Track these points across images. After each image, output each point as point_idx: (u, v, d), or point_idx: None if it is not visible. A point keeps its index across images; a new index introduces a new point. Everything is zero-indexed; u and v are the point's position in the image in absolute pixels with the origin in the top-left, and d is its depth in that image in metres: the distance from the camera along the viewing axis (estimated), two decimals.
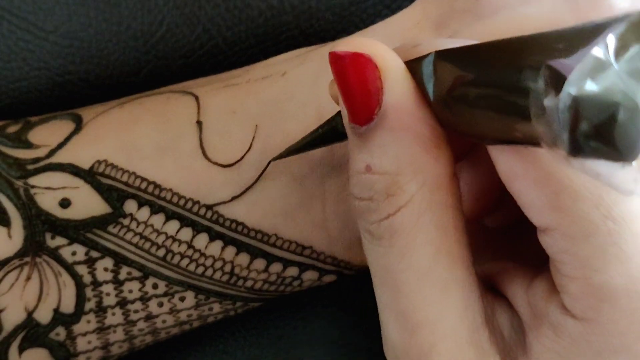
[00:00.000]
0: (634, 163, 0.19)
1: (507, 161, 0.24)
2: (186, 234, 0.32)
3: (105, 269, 0.32)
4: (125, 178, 0.32)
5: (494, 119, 0.22)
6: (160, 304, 0.33)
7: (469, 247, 0.26)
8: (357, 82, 0.25)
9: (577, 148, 0.18)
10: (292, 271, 0.33)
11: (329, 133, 0.29)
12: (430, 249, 0.25)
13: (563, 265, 0.24)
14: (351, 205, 0.27)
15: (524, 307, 0.27)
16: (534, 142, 0.20)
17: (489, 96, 0.21)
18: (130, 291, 0.33)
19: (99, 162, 0.32)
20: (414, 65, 0.25)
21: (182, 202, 0.32)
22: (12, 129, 0.34)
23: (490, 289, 0.28)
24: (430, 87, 0.24)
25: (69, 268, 0.32)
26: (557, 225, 0.24)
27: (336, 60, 0.25)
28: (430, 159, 0.25)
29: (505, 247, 0.31)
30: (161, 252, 0.32)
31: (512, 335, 0.27)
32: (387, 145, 0.25)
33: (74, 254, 0.32)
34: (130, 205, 0.32)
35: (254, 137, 0.32)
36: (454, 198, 0.26)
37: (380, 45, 0.25)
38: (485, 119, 0.22)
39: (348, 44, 0.25)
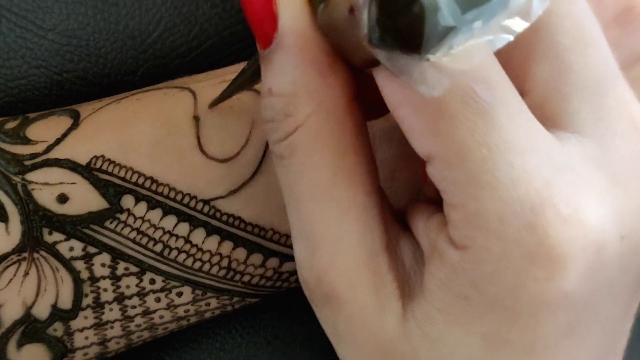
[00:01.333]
0: (431, 59, 0.19)
1: (390, 88, 0.24)
2: (183, 229, 0.32)
3: (103, 265, 0.32)
4: (122, 173, 0.32)
5: (352, 40, 0.23)
6: (158, 300, 0.33)
7: (374, 172, 0.27)
8: (252, 8, 0.26)
9: (379, 39, 0.19)
10: (289, 266, 0.34)
11: (257, 70, 0.29)
12: (327, 170, 0.26)
13: (444, 194, 0.24)
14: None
15: (423, 239, 0.27)
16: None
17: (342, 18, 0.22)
18: (128, 287, 0.33)
19: (96, 157, 0.32)
20: None
21: (179, 197, 0.32)
22: (11, 125, 0.34)
23: (401, 221, 0.28)
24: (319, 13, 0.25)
25: (67, 263, 0.32)
26: (436, 151, 0.24)
27: None
28: (325, 82, 0.25)
29: None
30: (158, 247, 0.32)
31: (413, 265, 0.27)
32: (284, 68, 0.25)
33: (71, 249, 0.32)
34: (127, 201, 0.32)
35: (250, 132, 0.32)
36: (353, 122, 0.26)
37: None
38: (348, 42, 0.24)
39: None
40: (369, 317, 0.26)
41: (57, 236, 0.32)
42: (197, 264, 0.33)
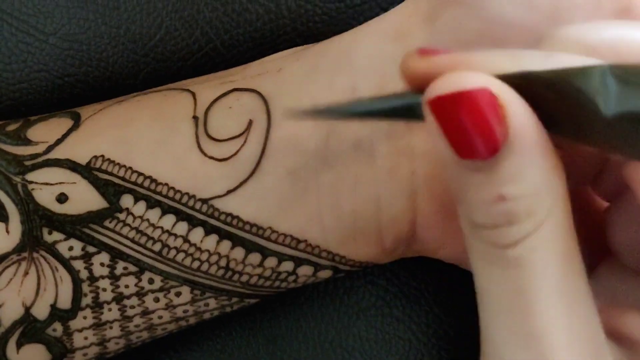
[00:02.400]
0: None
1: None
2: (182, 228, 0.32)
3: (102, 264, 0.33)
4: (122, 173, 0.32)
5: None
6: (157, 299, 0.33)
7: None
8: (474, 119, 0.24)
9: None
10: (287, 266, 0.34)
11: (401, 110, 0.26)
12: (562, 261, 0.25)
13: None
14: (470, 239, 0.27)
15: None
16: None
17: None
18: (127, 286, 0.33)
19: (96, 157, 0.32)
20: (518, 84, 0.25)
21: (177, 196, 0.32)
22: (12, 127, 0.34)
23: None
24: (604, 102, 0.23)
25: (66, 263, 0.32)
26: None
27: (440, 104, 0.24)
28: (558, 180, 0.25)
29: None
30: (157, 247, 0.32)
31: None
32: (522, 170, 0.25)
33: (70, 249, 0.32)
34: (126, 200, 0.32)
35: (249, 132, 0.32)
36: (572, 218, 0.26)
37: (479, 72, 0.24)
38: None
39: (449, 82, 0.24)
40: None
41: (56, 236, 0.32)
42: (196, 264, 0.33)
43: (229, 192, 0.32)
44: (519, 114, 0.24)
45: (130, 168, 0.32)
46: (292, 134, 0.32)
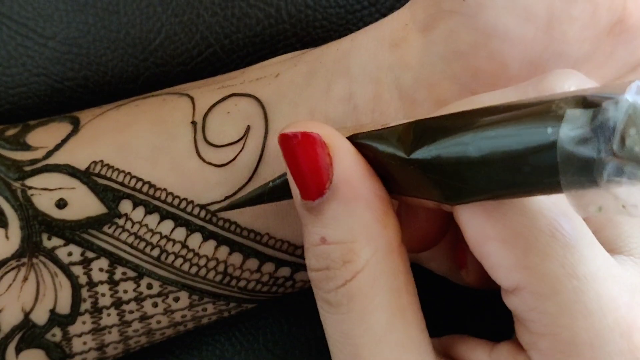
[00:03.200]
0: None
1: (478, 223, 0.25)
2: (180, 233, 0.32)
3: (101, 270, 0.33)
4: (120, 178, 0.32)
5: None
6: (155, 305, 0.33)
7: (420, 311, 0.28)
8: (307, 160, 0.27)
9: (622, 154, 0.20)
10: (285, 271, 0.34)
11: (279, 189, 0.30)
12: (386, 312, 0.26)
13: (532, 323, 0.26)
14: (309, 277, 0.28)
15: None
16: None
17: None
18: (125, 291, 0.33)
19: (95, 162, 0.32)
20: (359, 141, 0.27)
21: (176, 201, 0.32)
22: (11, 132, 0.34)
23: (445, 356, 0.29)
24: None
25: (65, 269, 0.32)
26: (526, 284, 0.25)
27: (286, 140, 0.27)
28: (380, 226, 0.27)
29: None
30: (155, 252, 0.32)
31: None
32: (340, 216, 0.26)
33: (69, 254, 0.32)
34: (125, 206, 0.32)
35: (246, 138, 0.32)
36: (404, 263, 0.27)
37: (326, 125, 0.27)
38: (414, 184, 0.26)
39: (297, 125, 0.27)
40: None
41: (56, 241, 0.32)
42: (194, 269, 0.33)
43: (227, 198, 0.32)
44: (345, 162, 0.26)
45: (129, 173, 0.32)
46: None
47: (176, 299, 0.33)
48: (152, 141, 0.33)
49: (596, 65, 0.30)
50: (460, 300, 0.40)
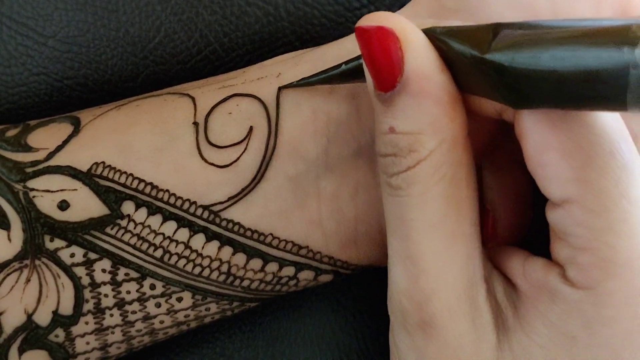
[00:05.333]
0: None
1: (541, 132, 0.26)
2: (183, 234, 0.32)
3: (103, 270, 0.33)
4: (122, 179, 0.32)
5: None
6: (158, 305, 0.33)
7: (477, 204, 0.29)
8: (380, 53, 0.27)
9: None
10: (289, 271, 0.34)
11: (352, 72, 0.31)
12: (442, 201, 0.28)
13: (575, 238, 0.26)
14: (377, 162, 0.30)
15: (521, 278, 0.29)
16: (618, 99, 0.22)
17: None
18: (128, 292, 0.33)
19: (96, 164, 0.32)
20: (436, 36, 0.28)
21: (179, 202, 0.32)
22: (12, 132, 0.34)
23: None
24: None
25: (68, 270, 0.32)
26: (579, 197, 0.26)
27: (361, 33, 0.27)
28: (447, 120, 0.27)
29: None
30: (158, 253, 0.32)
31: (504, 300, 0.29)
32: (409, 108, 0.27)
33: (72, 255, 0.32)
34: (127, 207, 0.32)
35: (249, 138, 0.32)
36: (467, 156, 0.28)
37: (401, 18, 0.28)
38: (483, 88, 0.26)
39: (372, 19, 0.27)
40: (464, 344, 0.28)
41: (58, 243, 0.32)
42: (197, 269, 0.33)
43: (230, 198, 0.32)
44: (417, 56, 0.27)
45: (131, 175, 0.32)
46: (292, 140, 0.32)
47: (179, 299, 0.33)
48: (154, 142, 0.33)
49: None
50: None
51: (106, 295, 0.33)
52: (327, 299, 0.40)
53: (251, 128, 0.32)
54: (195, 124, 0.33)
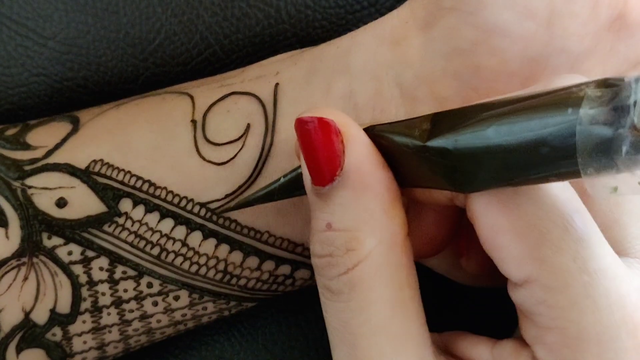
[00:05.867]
0: None
1: (492, 214, 0.26)
2: (180, 232, 0.32)
3: (101, 269, 0.33)
4: (120, 177, 0.32)
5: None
6: (155, 303, 0.33)
7: (421, 305, 0.28)
8: (320, 145, 0.27)
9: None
10: (285, 269, 0.34)
11: (291, 184, 0.30)
12: (387, 304, 0.27)
13: (539, 316, 0.26)
14: (312, 264, 0.29)
15: None
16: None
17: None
18: (125, 290, 0.33)
19: (95, 161, 0.32)
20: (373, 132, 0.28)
21: (176, 200, 0.32)
22: (11, 131, 0.34)
23: (444, 352, 0.29)
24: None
25: (65, 268, 0.32)
26: (537, 276, 0.25)
27: (302, 125, 0.27)
28: (387, 218, 0.27)
29: None
30: (156, 251, 0.32)
31: None
32: (347, 203, 0.27)
33: (70, 253, 0.32)
34: (125, 204, 0.32)
35: (246, 136, 0.32)
36: (407, 257, 0.27)
37: (342, 114, 0.27)
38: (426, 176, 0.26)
39: (314, 111, 0.27)
40: None
41: (56, 240, 0.32)
42: (194, 268, 0.33)
43: (227, 196, 0.32)
44: (358, 151, 0.27)
45: (129, 172, 0.32)
46: (289, 137, 0.32)
47: (176, 298, 0.33)
48: (152, 140, 0.33)
49: (596, 61, 0.30)
50: (458, 299, 0.40)
51: (103, 294, 0.33)
52: None
53: (248, 126, 0.32)
54: (193, 121, 0.33)
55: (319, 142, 0.27)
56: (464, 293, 0.38)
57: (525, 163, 0.23)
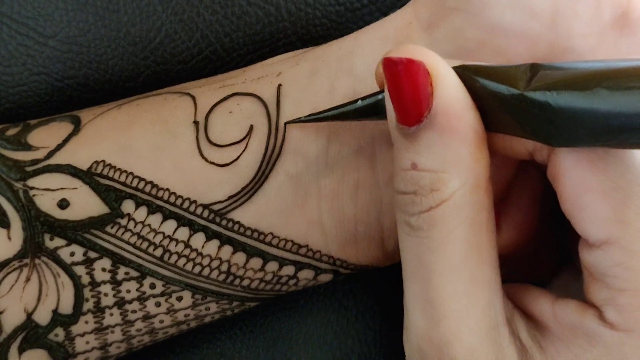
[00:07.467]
0: None
1: (580, 173, 0.26)
2: (183, 233, 0.32)
3: (103, 269, 0.33)
4: (122, 178, 0.32)
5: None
6: (158, 304, 0.33)
7: (496, 250, 0.28)
8: (409, 87, 0.26)
9: None
10: (288, 270, 0.34)
11: (367, 109, 0.30)
12: (463, 245, 0.27)
13: (614, 279, 0.26)
14: (393, 198, 0.29)
15: (551, 320, 0.28)
16: None
17: None
18: (128, 291, 0.33)
19: (97, 162, 0.32)
20: (467, 73, 0.27)
21: (179, 201, 0.32)
22: (12, 131, 0.34)
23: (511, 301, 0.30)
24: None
25: (68, 269, 0.32)
26: (618, 238, 0.25)
27: (390, 65, 0.27)
28: (472, 161, 0.27)
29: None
30: (158, 252, 0.32)
31: (529, 340, 0.28)
32: (434, 144, 0.27)
33: (72, 254, 0.32)
34: (127, 206, 0.32)
35: (249, 137, 0.32)
36: (489, 200, 0.28)
37: (432, 53, 0.27)
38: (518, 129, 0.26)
39: (402, 51, 0.27)
40: None
41: (58, 241, 0.32)
42: (197, 269, 0.33)
43: (230, 197, 0.32)
44: (446, 93, 0.26)
45: (131, 173, 0.32)
46: (293, 138, 0.32)
47: (179, 299, 0.33)
48: (154, 141, 0.33)
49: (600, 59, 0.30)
50: None
51: (106, 295, 0.33)
52: (329, 300, 0.40)
53: (251, 127, 0.32)
54: (196, 122, 0.33)
55: (407, 82, 0.27)
56: None
57: (627, 127, 0.23)
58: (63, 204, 0.32)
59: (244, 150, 0.32)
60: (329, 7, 0.39)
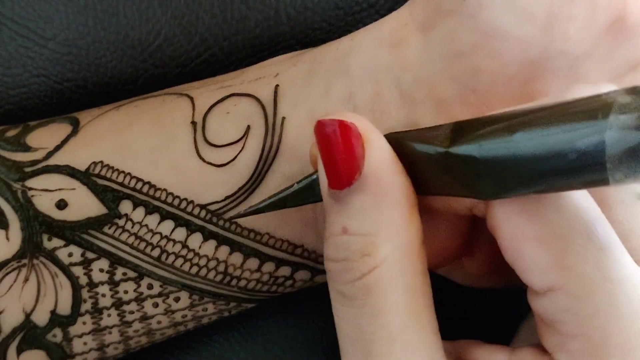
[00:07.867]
0: None
1: (515, 222, 0.26)
2: (180, 233, 0.32)
3: (101, 270, 0.33)
4: (120, 179, 0.32)
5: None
6: (155, 305, 0.33)
7: (434, 314, 0.28)
8: (341, 147, 0.26)
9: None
10: (285, 271, 0.34)
11: (304, 191, 0.30)
12: (401, 312, 0.27)
13: (563, 324, 0.26)
14: (325, 268, 0.28)
15: None
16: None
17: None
18: (126, 292, 0.33)
19: (95, 163, 0.32)
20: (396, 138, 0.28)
21: (176, 202, 0.32)
22: (11, 133, 0.34)
23: None
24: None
25: (65, 269, 0.32)
26: (562, 284, 0.25)
27: (322, 127, 0.27)
28: (404, 224, 0.27)
29: None
30: (156, 252, 0.32)
31: None
32: (365, 207, 0.27)
33: (70, 255, 0.32)
34: (125, 206, 0.32)
35: (246, 138, 0.32)
36: (422, 265, 0.27)
37: (363, 118, 0.27)
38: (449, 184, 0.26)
39: (334, 115, 0.27)
40: None
41: (56, 242, 0.32)
42: (194, 269, 0.33)
43: (227, 197, 0.32)
44: (378, 156, 0.27)
45: (129, 174, 0.32)
46: (289, 139, 0.32)
47: (177, 299, 0.33)
48: (152, 141, 0.33)
49: (595, 63, 0.30)
50: (460, 301, 0.40)
51: (104, 295, 0.33)
52: (327, 303, 0.40)
53: (248, 127, 0.32)
54: (193, 123, 0.33)
55: (338, 145, 0.27)
56: (464, 295, 0.38)
57: (552, 170, 0.23)
58: (61, 205, 0.32)
59: (241, 151, 0.32)
60: (328, 11, 0.39)
